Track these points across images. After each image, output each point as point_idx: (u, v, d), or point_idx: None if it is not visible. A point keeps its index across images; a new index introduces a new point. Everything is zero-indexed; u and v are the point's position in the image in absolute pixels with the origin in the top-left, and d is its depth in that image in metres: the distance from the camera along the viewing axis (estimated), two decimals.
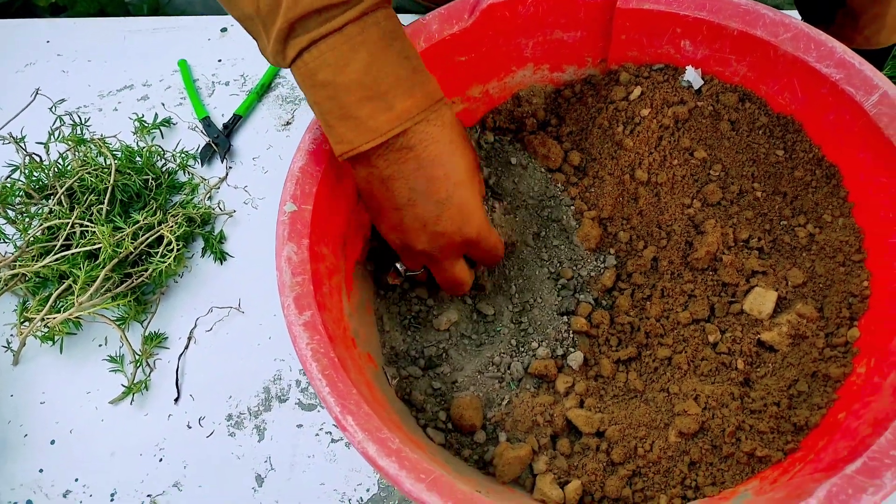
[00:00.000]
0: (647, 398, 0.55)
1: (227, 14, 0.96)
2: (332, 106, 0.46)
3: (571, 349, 0.58)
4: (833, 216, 0.57)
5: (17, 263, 0.67)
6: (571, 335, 0.59)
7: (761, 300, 0.56)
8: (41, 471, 0.62)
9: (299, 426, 0.62)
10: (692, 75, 0.62)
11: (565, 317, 0.60)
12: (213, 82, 0.88)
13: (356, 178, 0.51)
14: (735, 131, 0.61)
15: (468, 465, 0.54)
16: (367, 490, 0.59)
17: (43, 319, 0.64)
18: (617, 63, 0.65)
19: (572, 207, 0.62)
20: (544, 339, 0.59)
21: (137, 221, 0.68)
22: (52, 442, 0.63)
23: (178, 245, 0.67)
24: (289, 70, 0.48)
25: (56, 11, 1.52)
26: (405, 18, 0.86)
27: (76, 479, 0.61)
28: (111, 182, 0.71)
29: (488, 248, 0.54)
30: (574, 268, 0.61)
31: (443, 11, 0.59)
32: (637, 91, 0.62)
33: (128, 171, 0.74)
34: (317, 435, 0.62)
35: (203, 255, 0.73)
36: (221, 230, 0.74)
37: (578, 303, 0.60)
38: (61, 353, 0.67)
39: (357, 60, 0.45)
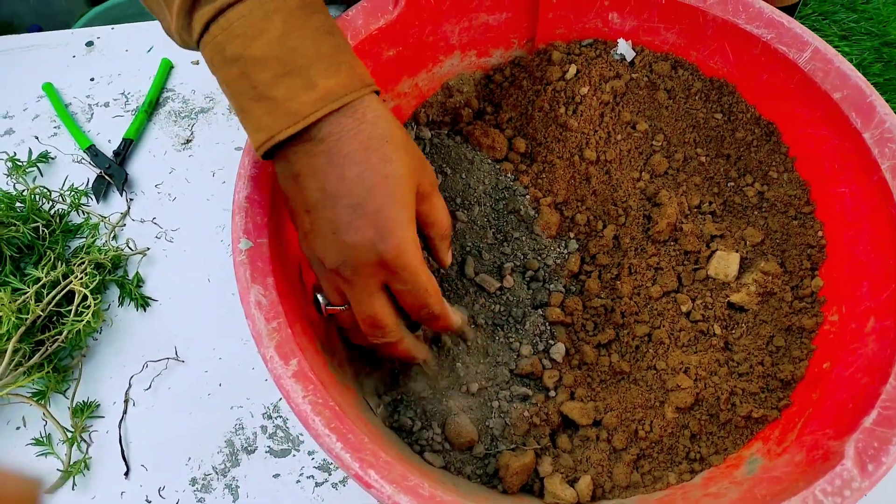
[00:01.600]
0: (636, 378, 0.55)
1: (61, 19, 0.85)
2: (244, 85, 0.39)
3: (551, 342, 0.57)
4: (778, 172, 0.58)
5: None
6: (549, 327, 0.57)
7: (725, 263, 0.57)
8: None
9: (276, 476, 0.57)
10: (624, 48, 0.61)
11: (540, 310, 0.58)
12: (88, 105, 0.77)
13: (277, 173, 0.44)
14: (672, 99, 0.61)
15: (472, 482, 0.52)
16: None
17: None
18: (545, 42, 0.63)
19: (527, 196, 0.60)
20: (524, 336, 0.57)
21: (38, 279, 0.59)
22: None
23: (95, 298, 0.59)
24: (179, 82, 0.41)
25: None
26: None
27: None
28: None
29: (413, 282, 0.43)
30: (539, 258, 0.59)
31: (366, 5, 0.55)
32: (573, 69, 0.61)
33: (10, 221, 0.63)
34: (298, 482, 0.57)
35: (121, 304, 0.64)
36: (137, 272, 0.66)
37: (550, 293, 0.58)
38: None
39: (271, 30, 0.38)
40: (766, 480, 0.43)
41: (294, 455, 0.58)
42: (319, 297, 0.47)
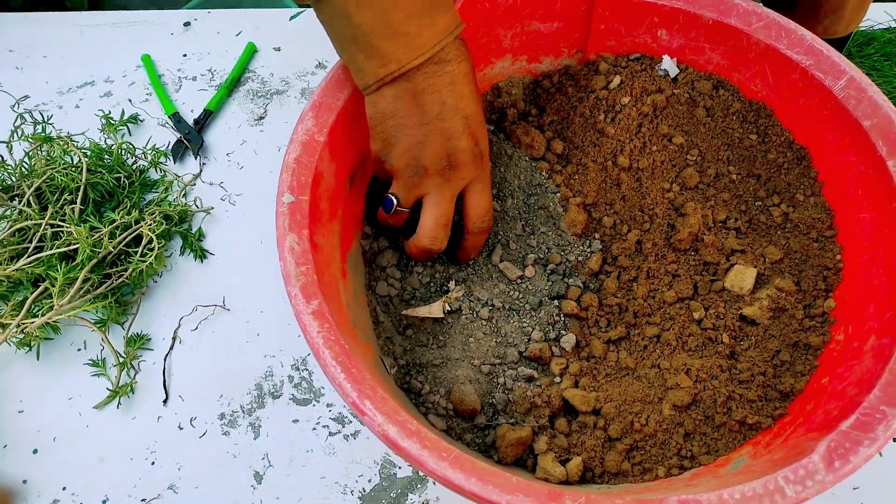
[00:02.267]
0: (639, 375, 0.57)
1: (188, 8, 0.94)
2: (379, 24, 0.47)
3: (563, 332, 0.60)
4: (805, 195, 0.60)
5: None
6: (563, 318, 0.60)
7: (741, 277, 0.59)
8: (25, 482, 0.59)
9: (295, 421, 0.62)
10: (668, 64, 0.64)
11: (556, 301, 0.61)
12: (179, 77, 0.86)
13: (375, 105, 0.52)
14: (710, 117, 0.63)
15: (471, 449, 0.55)
16: (369, 481, 0.59)
17: (19, 325, 0.61)
18: (595, 53, 0.67)
19: (558, 194, 0.64)
20: (537, 323, 0.60)
21: (114, 220, 0.67)
22: (35, 451, 0.61)
23: (159, 243, 0.66)
24: (261, 65, 0.48)
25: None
26: None
27: (64, 488, 0.59)
28: (83, 181, 0.68)
29: (487, 185, 0.56)
30: (562, 253, 0.63)
31: None
32: (616, 80, 0.64)
33: (98, 169, 0.72)
34: (314, 429, 0.62)
35: (182, 254, 0.71)
36: (199, 227, 0.73)
37: (568, 287, 0.61)
38: (38, 359, 0.65)
39: None
40: (743, 472, 0.45)
41: (314, 405, 0.63)
42: (392, 197, 0.56)
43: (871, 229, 0.53)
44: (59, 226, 0.66)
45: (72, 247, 0.64)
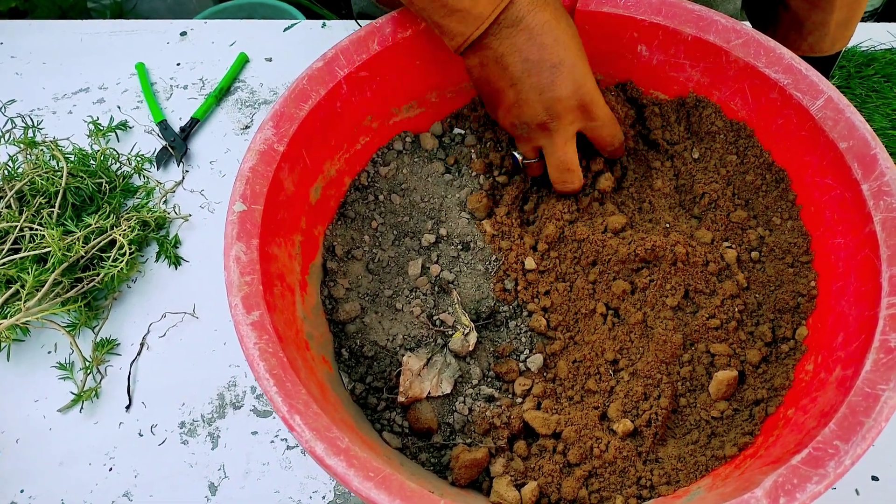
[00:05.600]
0: (602, 400, 0.55)
1: (187, 18, 0.95)
2: (436, 6, 0.50)
3: (528, 351, 0.58)
4: (782, 219, 0.58)
5: None
6: (529, 335, 0.59)
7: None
8: None
9: (254, 433, 0.61)
10: None
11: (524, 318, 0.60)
12: (171, 86, 0.87)
13: (471, 72, 0.54)
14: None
15: (425, 469, 0.54)
16: (323, 497, 0.58)
17: None
18: None
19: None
20: (505, 339, 0.59)
21: (89, 225, 0.67)
22: None
23: (130, 249, 0.66)
24: (251, 75, 0.48)
25: (16, 16, 1.49)
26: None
27: (22, 490, 0.59)
28: (62, 185, 0.69)
29: (606, 117, 0.54)
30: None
31: (395, 15, 0.59)
32: None
33: (81, 174, 0.72)
34: (272, 442, 0.61)
35: (157, 260, 0.71)
36: (176, 234, 0.73)
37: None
38: (8, 360, 0.65)
39: None
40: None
41: (274, 417, 0.62)
42: (516, 154, 0.59)
43: (846, 255, 0.51)
44: (35, 229, 0.66)
45: (45, 249, 0.64)
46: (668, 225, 0.60)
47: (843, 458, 0.39)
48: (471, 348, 0.57)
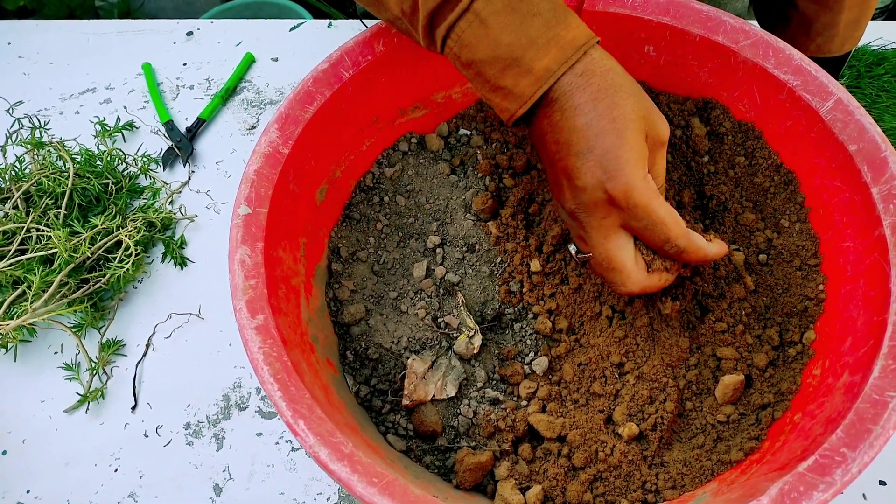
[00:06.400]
0: (609, 404, 0.55)
1: (194, 18, 0.95)
2: (480, 82, 0.47)
3: (534, 354, 0.58)
4: (790, 221, 0.57)
5: None
6: (536, 339, 0.59)
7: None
8: None
9: (259, 435, 0.61)
10: None
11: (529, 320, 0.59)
12: (177, 86, 0.87)
13: (529, 141, 0.51)
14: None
15: (430, 471, 0.54)
16: (328, 499, 0.58)
17: None
18: None
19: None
20: (510, 342, 0.58)
21: (95, 226, 0.67)
22: (4, 452, 0.61)
23: (136, 250, 0.66)
24: (257, 75, 0.47)
25: (24, 16, 1.50)
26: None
27: (28, 491, 0.60)
28: (69, 186, 0.69)
29: (647, 218, 0.45)
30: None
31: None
32: None
33: (87, 174, 0.72)
34: (276, 444, 0.61)
35: (163, 261, 0.71)
36: (182, 235, 0.73)
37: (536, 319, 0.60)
38: (15, 360, 0.66)
39: (488, 35, 0.45)
40: None
41: (279, 419, 0.62)
42: (570, 247, 0.52)
43: (854, 258, 0.51)
44: (42, 230, 0.67)
45: (52, 250, 0.65)
46: None
47: (850, 465, 0.38)
48: (476, 351, 0.57)
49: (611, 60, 0.46)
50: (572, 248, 0.52)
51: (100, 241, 0.67)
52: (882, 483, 0.58)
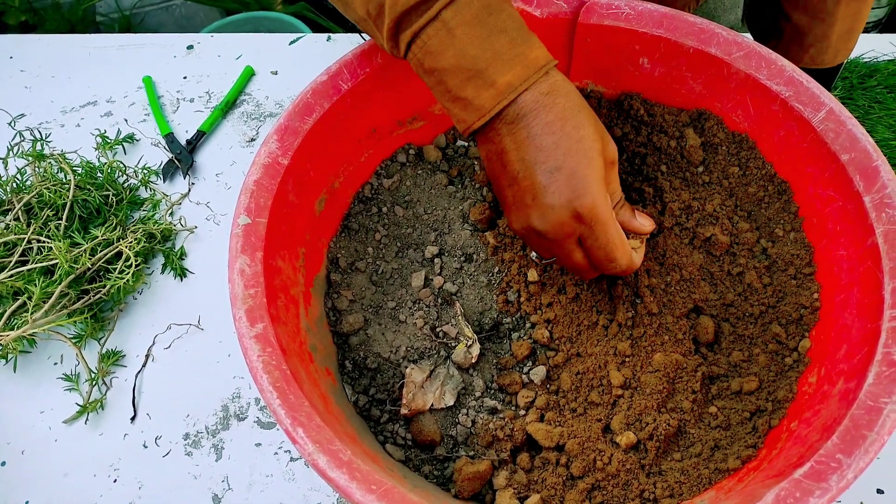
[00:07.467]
0: (607, 413, 0.55)
1: (194, 32, 0.96)
2: (441, 90, 0.48)
3: (531, 363, 0.58)
4: (784, 231, 0.58)
5: None
6: (534, 348, 0.59)
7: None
8: None
9: (258, 445, 0.61)
10: None
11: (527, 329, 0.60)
12: (177, 99, 0.87)
13: (481, 162, 0.52)
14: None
15: (428, 481, 0.54)
16: None
17: None
18: (577, 82, 0.66)
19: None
20: (508, 351, 0.59)
21: (96, 237, 0.68)
22: (3, 463, 0.61)
23: (136, 261, 0.66)
24: (257, 88, 0.48)
25: (26, 30, 1.51)
26: None
27: (27, 502, 0.60)
28: (70, 198, 0.70)
29: (604, 236, 0.48)
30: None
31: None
32: None
33: (88, 186, 0.73)
34: (275, 454, 0.61)
35: (163, 272, 0.72)
36: (182, 246, 0.73)
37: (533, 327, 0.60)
38: (15, 371, 0.66)
39: (454, 45, 0.45)
40: None
41: (277, 430, 0.62)
42: (533, 255, 0.56)
43: (848, 267, 0.51)
44: (42, 241, 0.67)
45: (52, 261, 0.65)
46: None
47: (846, 471, 0.39)
48: (474, 360, 0.57)
49: (570, 84, 0.48)
50: (534, 255, 0.56)
51: (100, 252, 0.67)
52: (880, 492, 0.58)
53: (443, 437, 0.55)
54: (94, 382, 0.64)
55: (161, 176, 0.79)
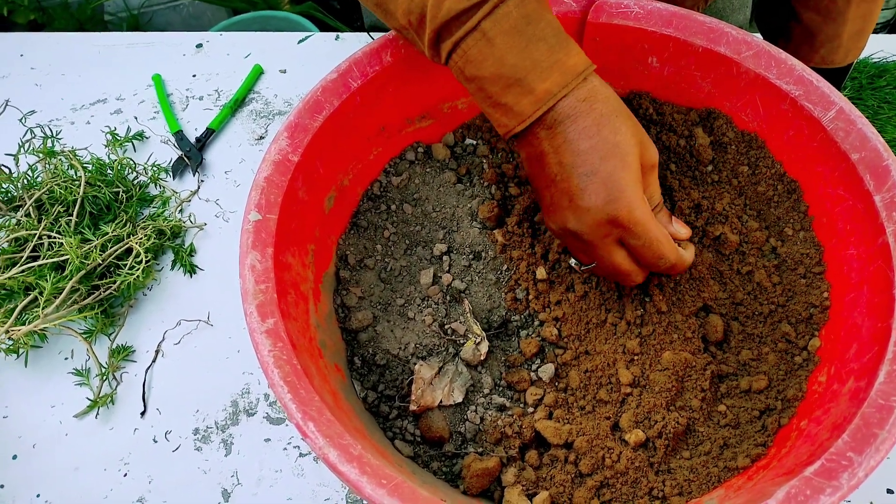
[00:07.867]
0: (615, 410, 0.55)
1: (202, 31, 0.97)
2: (481, 96, 0.49)
3: (540, 360, 0.59)
4: (794, 230, 0.58)
5: None
6: (542, 345, 0.59)
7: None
8: (2, 486, 0.60)
9: (267, 440, 0.62)
10: None
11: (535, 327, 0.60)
12: (186, 97, 0.88)
13: (521, 164, 0.53)
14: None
15: (437, 477, 0.54)
16: None
17: (7, 331, 0.63)
18: None
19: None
20: (516, 349, 0.59)
21: (106, 233, 0.68)
22: (14, 457, 0.62)
23: (146, 257, 0.67)
24: (265, 87, 0.48)
25: (35, 29, 1.52)
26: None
27: (38, 495, 0.60)
28: (80, 194, 0.70)
29: (646, 237, 0.48)
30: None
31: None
32: None
33: (98, 183, 0.73)
34: (284, 449, 0.61)
35: (173, 268, 0.72)
36: (191, 243, 0.74)
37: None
38: (26, 366, 0.66)
39: (493, 54, 0.47)
40: None
41: (286, 425, 0.62)
42: (572, 261, 0.56)
43: (858, 266, 0.51)
44: (53, 237, 0.67)
45: (63, 257, 0.65)
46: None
47: (857, 469, 0.39)
48: (482, 357, 0.57)
49: (608, 88, 0.49)
50: (573, 262, 0.55)
51: (110, 248, 0.68)
52: (889, 492, 0.58)
53: (451, 434, 0.55)
54: (104, 377, 0.64)
55: (170, 173, 0.79)
